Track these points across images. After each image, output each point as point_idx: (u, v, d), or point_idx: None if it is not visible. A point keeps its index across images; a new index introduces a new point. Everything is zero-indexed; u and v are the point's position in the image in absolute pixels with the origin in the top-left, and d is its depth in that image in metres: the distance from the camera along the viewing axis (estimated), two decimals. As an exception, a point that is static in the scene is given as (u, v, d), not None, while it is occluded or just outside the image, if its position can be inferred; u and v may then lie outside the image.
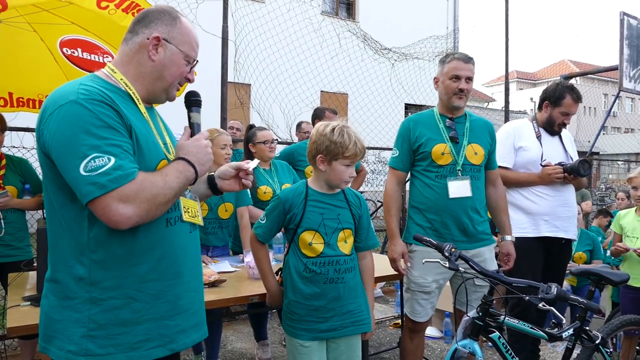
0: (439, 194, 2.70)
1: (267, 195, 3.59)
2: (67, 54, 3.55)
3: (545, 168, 3.16)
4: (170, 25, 1.54)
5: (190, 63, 1.59)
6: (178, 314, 1.51)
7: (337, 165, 2.12)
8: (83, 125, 1.31)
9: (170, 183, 1.41)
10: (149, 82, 1.55)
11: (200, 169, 1.51)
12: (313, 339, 2.16)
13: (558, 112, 3.24)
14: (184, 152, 1.50)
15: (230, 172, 1.77)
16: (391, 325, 4.75)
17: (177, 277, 1.51)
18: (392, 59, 7.55)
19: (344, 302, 2.18)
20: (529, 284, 2.02)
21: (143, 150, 1.43)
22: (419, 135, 2.76)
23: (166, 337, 1.48)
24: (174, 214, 1.53)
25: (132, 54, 1.53)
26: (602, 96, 28.21)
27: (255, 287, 2.64)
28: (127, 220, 1.32)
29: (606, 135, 25.37)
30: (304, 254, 2.16)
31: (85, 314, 1.38)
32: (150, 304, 1.45)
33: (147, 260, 1.45)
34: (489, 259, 2.78)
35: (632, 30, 7.51)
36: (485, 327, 2.13)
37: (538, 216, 3.16)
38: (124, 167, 1.32)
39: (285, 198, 2.20)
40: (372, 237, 2.34)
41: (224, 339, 4.28)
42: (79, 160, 1.29)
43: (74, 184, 1.31)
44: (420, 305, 2.77)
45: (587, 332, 2.30)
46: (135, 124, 1.44)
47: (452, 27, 15.36)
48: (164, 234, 1.49)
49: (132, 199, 1.31)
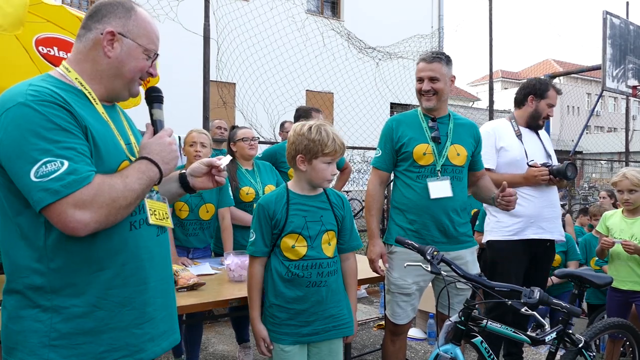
0: (420, 195, 2.68)
1: (249, 197, 3.54)
2: (43, 53, 3.45)
3: (530, 169, 3.12)
4: (124, 18, 1.45)
5: (151, 57, 1.50)
6: (146, 322, 1.45)
7: (318, 163, 2.09)
8: (32, 129, 1.23)
9: (131, 185, 1.33)
10: (107, 80, 1.46)
11: (165, 168, 1.43)
12: (294, 343, 2.13)
13: (545, 104, 3.24)
14: (147, 151, 1.43)
15: (202, 169, 1.69)
16: (375, 327, 4.72)
17: (143, 283, 1.45)
18: (376, 58, 7.53)
19: (326, 306, 2.15)
20: (511, 287, 2.00)
21: (101, 152, 1.36)
22: (401, 135, 2.74)
23: (133, 346, 1.42)
24: (139, 217, 1.46)
25: (87, 52, 1.45)
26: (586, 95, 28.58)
27: (236, 291, 2.60)
28: (85, 227, 1.25)
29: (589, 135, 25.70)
30: (286, 256, 2.13)
31: (46, 323, 1.32)
32: (115, 312, 1.38)
33: (110, 266, 1.38)
34: (470, 262, 2.75)
35: (615, 30, 7.57)
36: (468, 332, 2.11)
37: (524, 219, 3.11)
38: (78, 170, 1.25)
39: (267, 204, 2.15)
40: (355, 238, 2.31)
41: (205, 341, 4.22)
42: (29, 165, 1.22)
43: (26, 191, 1.24)
44: (400, 307, 2.74)
45: (570, 335, 2.29)
46: (92, 124, 1.36)
47: (437, 25, 15.40)
48: (127, 238, 1.42)
49: (89, 204, 1.24)
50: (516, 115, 3.32)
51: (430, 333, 4.36)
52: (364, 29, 10.08)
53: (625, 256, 3.18)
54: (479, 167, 2.89)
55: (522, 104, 3.30)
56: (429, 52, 2.80)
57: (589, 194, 14.90)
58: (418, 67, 2.74)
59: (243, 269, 2.73)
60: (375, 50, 7.52)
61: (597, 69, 7.63)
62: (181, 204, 3.24)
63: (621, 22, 7.80)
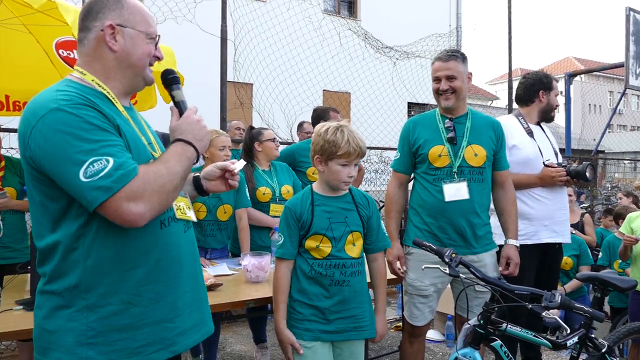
0: (436, 198, 2.65)
1: (266, 197, 3.54)
2: (63, 56, 3.51)
3: (546, 169, 3.00)
4: (118, 9, 1.45)
5: (154, 39, 1.51)
6: (177, 316, 1.49)
7: (333, 165, 2.09)
8: (72, 132, 1.26)
9: (173, 168, 1.37)
10: (120, 74, 1.47)
11: (199, 145, 1.45)
12: (315, 339, 2.12)
13: (554, 95, 3.18)
14: (179, 133, 1.45)
15: (215, 172, 1.73)
16: (393, 328, 4.69)
17: (175, 279, 1.48)
18: (393, 58, 7.48)
19: (349, 306, 2.15)
20: (531, 291, 1.96)
21: (132, 151, 1.39)
22: (417, 136, 2.72)
23: (167, 339, 1.46)
24: (167, 215, 1.49)
25: (93, 52, 1.45)
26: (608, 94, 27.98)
27: (253, 291, 2.60)
28: (142, 217, 1.29)
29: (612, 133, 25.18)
30: (310, 255, 2.14)
31: (82, 322, 1.35)
32: (148, 308, 1.42)
33: (144, 264, 1.42)
34: (489, 264, 2.69)
35: (638, 26, 7.41)
36: (487, 336, 2.07)
37: (537, 222, 3.01)
38: (124, 165, 1.28)
39: (294, 206, 2.16)
40: (382, 239, 2.30)
41: (222, 341, 4.24)
42: (76, 167, 1.25)
43: (77, 193, 1.27)
44: (417, 308, 2.71)
45: (593, 339, 2.24)
46: (121, 124, 1.39)
47: (455, 24, 15.25)
48: (158, 236, 1.45)
49: (141, 195, 1.28)
50: (524, 113, 3.20)
51: (449, 335, 4.31)
52: (382, 29, 10.02)
53: None
54: (500, 167, 2.78)
55: (531, 101, 3.19)
56: (444, 51, 2.74)
57: (611, 194, 14.59)
58: (434, 66, 2.70)
59: (260, 269, 2.74)
60: (392, 49, 7.47)
61: (620, 67, 7.49)
62: (199, 205, 3.26)
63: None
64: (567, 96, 8.79)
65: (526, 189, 3.03)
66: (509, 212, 2.80)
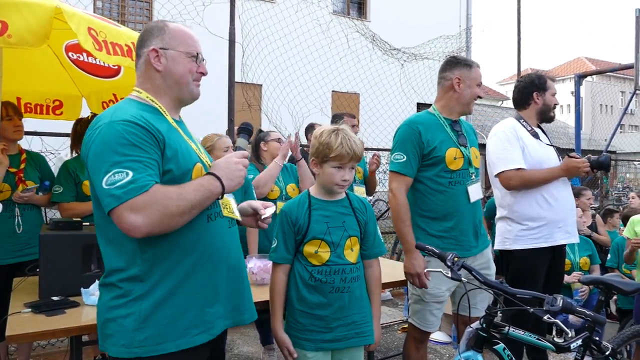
0: (456, 201, 2.63)
1: (274, 194, 3.60)
2: (73, 59, 3.56)
3: (570, 160, 2.99)
4: (161, 35, 1.68)
5: (196, 57, 1.70)
6: (217, 301, 1.64)
7: (327, 167, 2.09)
8: (110, 144, 1.46)
9: (186, 195, 1.49)
10: (168, 90, 1.69)
11: (228, 184, 1.60)
12: (317, 350, 2.11)
13: (550, 95, 3.16)
14: (214, 168, 1.63)
15: (248, 210, 1.93)
16: (399, 330, 4.70)
17: (216, 269, 1.64)
18: (401, 60, 7.47)
19: (349, 312, 2.13)
20: (533, 295, 1.96)
21: (178, 156, 1.57)
22: (430, 138, 2.62)
23: (209, 322, 1.61)
24: (214, 210, 1.65)
25: (144, 74, 1.69)
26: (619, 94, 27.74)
27: (258, 294, 2.60)
28: (136, 229, 1.42)
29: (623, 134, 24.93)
30: (309, 262, 2.12)
31: (136, 309, 1.51)
32: (194, 294, 1.58)
33: (192, 253, 1.58)
34: (491, 259, 2.82)
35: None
36: (489, 339, 2.08)
37: (552, 224, 3.00)
38: (139, 180, 1.43)
39: (289, 210, 2.14)
40: (378, 244, 2.27)
41: (230, 342, 4.28)
42: (102, 175, 1.44)
43: (99, 196, 1.46)
44: (433, 315, 2.69)
45: (597, 342, 2.23)
46: (167, 134, 1.57)
47: (465, 25, 15.19)
48: (206, 229, 1.62)
49: (142, 209, 1.41)
50: (524, 116, 3.18)
51: (455, 337, 4.31)
52: (391, 30, 10.02)
53: None
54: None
55: (527, 104, 3.18)
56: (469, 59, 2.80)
57: (622, 195, 14.45)
58: (479, 73, 2.74)
59: (266, 272, 2.75)
60: (400, 51, 7.47)
61: (630, 68, 7.42)
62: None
63: (655, 19, 7.54)
64: (577, 96, 8.72)
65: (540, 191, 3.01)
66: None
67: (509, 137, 3.05)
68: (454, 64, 2.75)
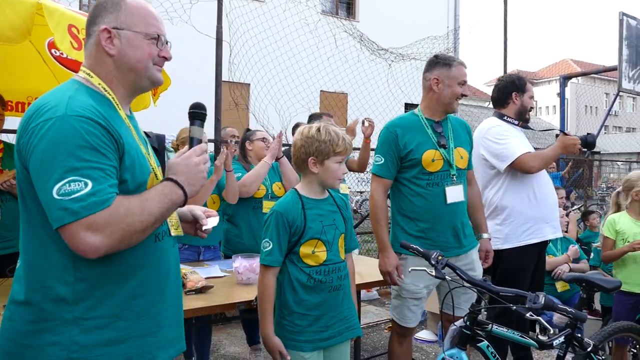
0: (433, 202, 2.65)
1: (260, 192, 3.59)
2: (55, 55, 3.51)
3: (566, 137, 3.07)
4: (115, 12, 1.42)
5: (157, 40, 1.46)
6: (160, 330, 1.46)
7: (330, 163, 2.09)
8: (66, 145, 1.23)
9: (150, 209, 1.31)
10: (122, 77, 1.44)
11: (190, 190, 1.40)
12: (314, 349, 2.11)
13: (527, 97, 3.22)
14: (173, 172, 1.40)
15: (188, 217, 1.70)
16: (386, 329, 4.71)
17: (160, 293, 1.46)
18: (389, 60, 7.50)
19: (342, 309, 2.17)
20: (516, 292, 1.98)
21: (135, 165, 1.36)
22: (407, 141, 2.66)
23: (148, 353, 1.42)
24: (162, 229, 1.47)
25: (94, 56, 1.44)
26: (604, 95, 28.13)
27: (244, 294, 2.61)
28: (95, 251, 1.23)
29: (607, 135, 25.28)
30: (305, 263, 2.10)
31: (66, 336, 1.29)
32: (134, 322, 1.38)
33: (135, 277, 1.39)
34: (476, 260, 2.80)
35: (631, 31, 7.47)
36: (473, 337, 2.10)
37: (541, 219, 3.07)
38: (100, 192, 1.23)
39: (285, 211, 2.09)
40: (353, 239, 2.34)
41: (216, 342, 4.26)
42: (54, 181, 1.21)
43: (46, 206, 1.24)
44: (411, 311, 2.75)
45: (579, 339, 2.27)
46: (125, 138, 1.36)
47: (453, 26, 15.29)
48: (152, 250, 1.43)
49: (102, 228, 1.22)
50: (507, 112, 3.23)
51: (441, 335, 4.34)
52: (380, 30, 10.04)
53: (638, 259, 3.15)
54: (469, 166, 2.86)
55: (506, 103, 3.23)
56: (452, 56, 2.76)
57: (606, 195, 14.64)
58: (461, 71, 2.68)
59: (251, 271, 2.75)
60: (387, 51, 7.49)
61: (614, 70, 7.54)
62: None
63: (637, 23, 7.69)
64: (562, 98, 8.84)
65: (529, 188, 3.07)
66: (479, 207, 2.92)
67: (503, 130, 3.11)
68: (434, 64, 2.72)
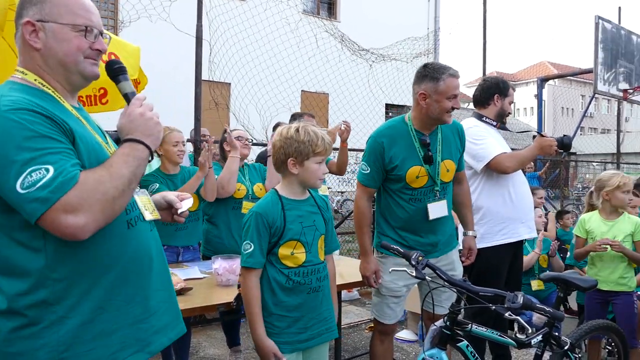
0: (413, 216, 2.65)
1: (240, 193, 3.57)
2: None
3: (543, 139, 3.11)
4: (39, 3, 1.34)
5: (87, 31, 1.37)
6: (151, 315, 1.43)
7: (310, 164, 2.08)
8: (13, 140, 1.18)
9: (118, 172, 1.26)
10: (52, 72, 1.38)
11: (150, 140, 1.35)
12: (293, 351, 2.09)
13: (508, 102, 3.26)
14: (125, 132, 1.35)
15: (162, 204, 1.67)
16: (367, 329, 4.71)
17: (146, 278, 1.43)
18: (369, 60, 7.53)
19: (321, 310, 2.15)
20: (495, 292, 2.00)
21: (91, 154, 1.32)
22: (393, 155, 2.61)
23: (143, 340, 1.40)
24: (133, 214, 1.43)
25: (23, 51, 1.38)
26: (580, 97, 28.68)
27: (224, 295, 2.58)
28: (83, 230, 1.20)
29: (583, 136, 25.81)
30: (284, 264, 2.08)
31: (52, 338, 1.26)
32: (121, 311, 1.36)
33: (114, 267, 1.35)
34: (456, 261, 2.83)
35: (606, 34, 7.63)
36: (453, 336, 2.11)
37: (517, 220, 3.10)
38: (64, 172, 1.19)
39: (265, 212, 2.07)
40: (334, 240, 2.33)
41: (196, 344, 4.21)
42: (13, 179, 1.17)
43: (17, 205, 1.20)
44: (390, 308, 2.77)
45: (556, 337, 2.30)
46: (73, 126, 1.30)
47: (433, 27, 15.42)
48: (127, 237, 1.39)
49: (79, 206, 1.18)
50: (486, 113, 3.27)
51: (422, 335, 4.36)
52: (361, 30, 10.06)
53: (607, 258, 3.21)
54: (460, 168, 2.83)
55: (486, 104, 3.26)
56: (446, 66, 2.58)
57: (582, 194, 14.95)
58: (451, 84, 2.52)
59: (231, 273, 2.73)
60: (368, 52, 7.52)
61: (590, 72, 7.69)
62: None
63: (613, 27, 7.85)
64: (540, 99, 8.99)
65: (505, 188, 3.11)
66: (467, 204, 2.93)
67: (480, 131, 3.14)
68: (422, 76, 2.59)
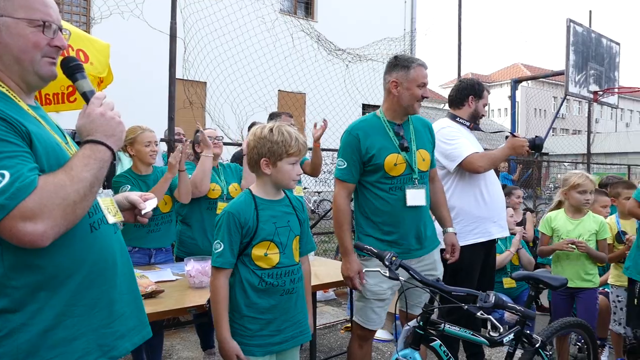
0: (394, 206, 2.64)
1: (215, 193, 3.53)
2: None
3: (515, 139, 3.15)
4: None
5: (45, 27, 1.33)
6: (115, 320, 1.39)
7: (283, 165, 2.05)
8: None
9: (78, 175, 1.22)
10: (7, 70, 1.32)
11: (111, 141, 1.31)
12: (265, 354, 2.06)
13: (482, 104, 3.31)
14: (85, 134, 1.30)
15: (125, 204, 1.63)
16: (342, 329, 4.71)
17: (108, 282, 1.39)
18: (346, 60, 7.54)
19: (295, 312, 2.12)
20: (467, 292, 2.01)
21: (49, 154, 1.27)
22: (369, 146, 2.63)
23: (106, 346, 1.36)
24: (96, 217, 1.39)
25: None
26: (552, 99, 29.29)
27: (197, 297, 2.54)
28: (42, 237, 1.16)
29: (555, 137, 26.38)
30: (257, 265, 2.05)
31: (12, 346, 1.22)
32: (84, 317, 1.31)
33: (78, 272, 1.31)
34: (437, 261, 2.81)
35: (577, 37, 7.80)
36: (427, 336, 2.12)
37: (488, 219, 3.14)
38: (21, 178, 1.14)
39: (237, 212, 2.04)
40: (310, 241, 2.30)
41: (169, 347, 4.14)
42: None
43: None
44: (375, 313, 2.71)
45: (528, 335, 2.33)
46: (29, 126, 1.25)
47: (409, 28, 15.54)
48: (91, 241, 1.35)
49: (38, 212, 1.14)
50: (460, 114, 3.31)
51: (396, 335, 4.38)
52: (338, 30, 10.08)
53: (573, 256, 3.28)
54: (432, 165, 2.86)
55: (461, 104, 3.31)
56: (414, 57, 2.71)
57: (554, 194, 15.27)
58: (421, 72, 2.63)
59: (204, 275, 2.68)
60: (345, 52, 7.53)
61: (562, 74, 7.85)
62: None
63: (584, 30, 8.03)
64: (513, 100, 9.14)
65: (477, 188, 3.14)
66: (443, 202, 2.93)
67: (453, 131, 3.17)
68: (393, 66, 2.69)
